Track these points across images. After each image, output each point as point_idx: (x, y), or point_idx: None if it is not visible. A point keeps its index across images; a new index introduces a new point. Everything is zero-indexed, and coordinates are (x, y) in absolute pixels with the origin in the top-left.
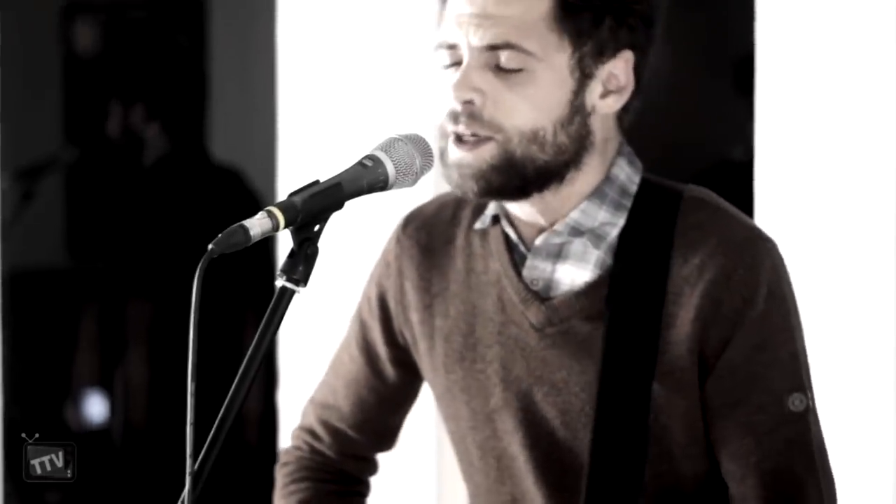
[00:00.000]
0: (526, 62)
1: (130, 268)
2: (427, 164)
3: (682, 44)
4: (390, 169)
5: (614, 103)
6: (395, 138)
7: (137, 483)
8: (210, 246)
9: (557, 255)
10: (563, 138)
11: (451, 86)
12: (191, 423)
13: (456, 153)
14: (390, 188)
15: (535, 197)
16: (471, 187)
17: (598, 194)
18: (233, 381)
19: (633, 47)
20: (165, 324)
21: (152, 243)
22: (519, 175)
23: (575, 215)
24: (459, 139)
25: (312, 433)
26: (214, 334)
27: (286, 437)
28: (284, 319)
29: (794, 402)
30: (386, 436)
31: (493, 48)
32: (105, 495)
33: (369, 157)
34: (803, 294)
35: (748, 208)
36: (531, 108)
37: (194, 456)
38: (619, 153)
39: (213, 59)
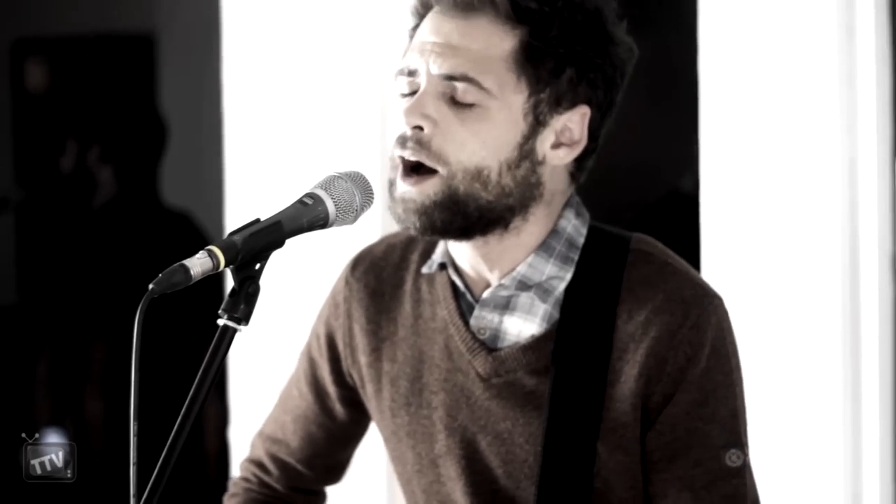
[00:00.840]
0: (480, 98)
1: (81, 308)
2: (367, 201)
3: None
4: (330, 207)
5: (565, 156)
6: (336, 176)
7: None
8: (150, 286)
9: (505, 307)
10: (507, 180)
11: (404, 110)
12: (134, 463)
13: (402, 187)
14: (331, 226)
15: (479, 241)
16: (413, 222)
17: (545, 248)
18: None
19: (590, 103)
20: (117, 363)
21: (104, 284)
22: (461, 213)
23: (522, 269)
24: (406, 169)
25: (261, 466)
26: (165, 373)
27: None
28: (229, 356)
29: (732, 458)
30: (335, 470)
31: (451, 78)
32: None
33: (309, 195)
34: (748, 327)
35: (696, 238)
36: (479, 145)
37: (138, 496)
38: (567, 205)
39: (161, 99)
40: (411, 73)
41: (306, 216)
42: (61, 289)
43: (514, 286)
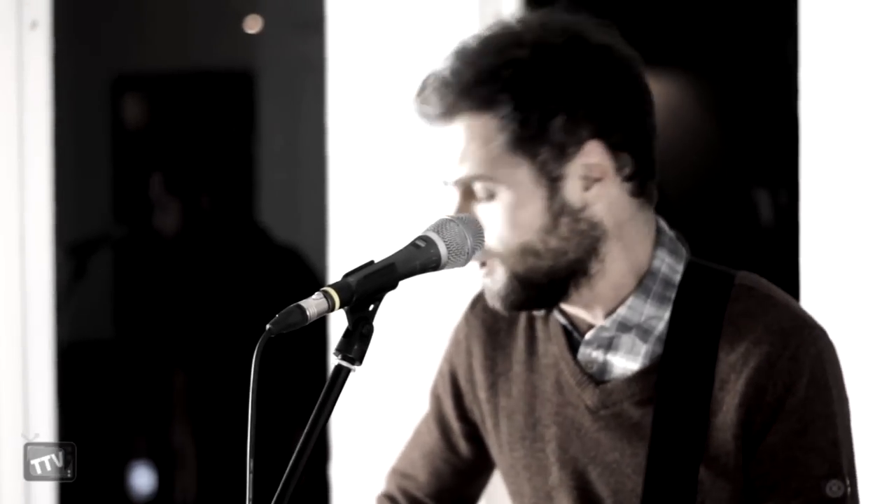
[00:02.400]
0: (492, 188)
1: (180, 342)
2: (478, 244)
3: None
4: (442, 250)
5: (603, 190)
6: (447, 219)
7: None
8: (268, 326)
9: (608, 346)
10: (555, 243)
11: None
12: (250, 500)
13: (482, 277)
14: (442, 268)
15: (572, 296)
16: (500, 306)
17: (642, 289)
18: (286, 457)
19: (600, 135)
20: (213, 397)
21: (205, 318)
22: (533, 287)
23: (622, 311)
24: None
25: (392, 500)
26: (268, 411)
27: None
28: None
29: (832, 489)
30: None
31: (462, 183)
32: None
33: (422, 237)
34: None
35: (794, 278)
36: (510, 229)
37: None
38: (658, 244)
39: (262, 135)
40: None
41: (419, 259)
42: (159, 323)
43: (615, 328)
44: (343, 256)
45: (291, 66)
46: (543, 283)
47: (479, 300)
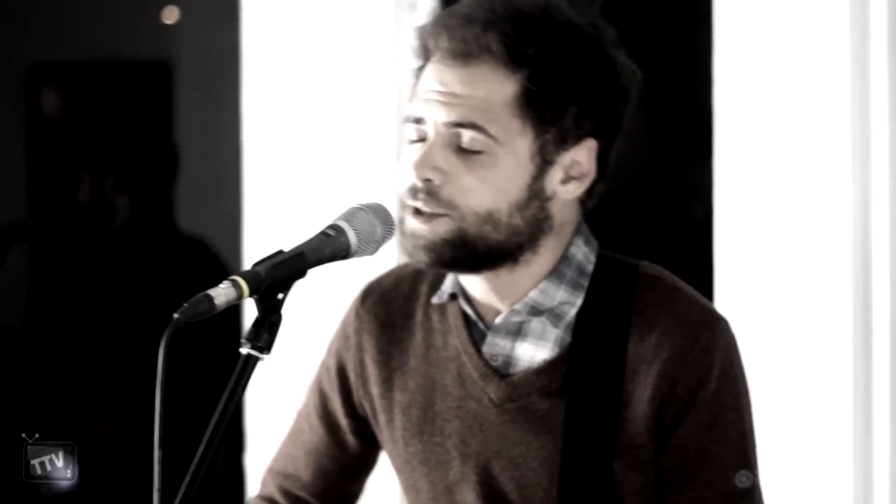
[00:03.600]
0: (487, 145)
1: (96, 334)
2: (388, 232)
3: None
4: (352, 238)
5: (575, 189)
6: (357, 208)
7: None
8: (175, 315)
9: (517, 333)
10: (517, 220)
11: (413, 163)
12: (158, 490)
13: (412, 223)
14: (352, 256)
15: (489, 274)
16: (422, 258)
17: (556, 274)
18: (198, 446)
19: (597, 136)
20: (132, 389)
21: (118, 311)
22: (470, 252)
23: (534, 295)
24: (417, 212)
25: (273, 502)
26: (180, 401)
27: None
28: (249, 385)
29: (741, 479)
30: (346, 502)
31: (458, 126)
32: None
33: (332, 226)
34: (762, 352)
35: (708, 266)
36: (488, 190)
37: None
38: (576, 232)
39: (180, 126)
40: (418, 121)
41: (329, 247)
42: (72, 313)
43: (525, 311)
44: (258, 246)
45: (208, 56)
46: (482, 252)
47: (368, 294)
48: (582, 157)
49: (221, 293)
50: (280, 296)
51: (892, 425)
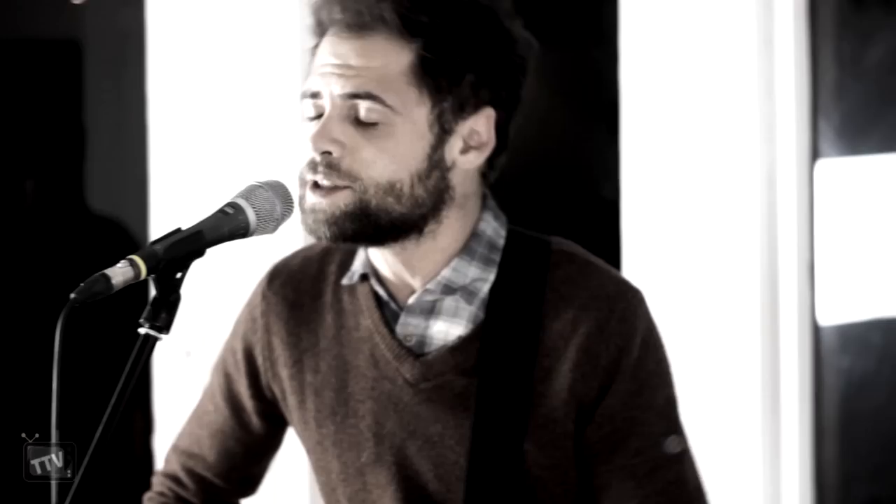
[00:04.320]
0: (385, 115)
1: (6, 317)
2: (287, 210)
3: (554, 83)
4: (251, 216)
5: (475, 159)
6: (256, 185)
7: None
8: (72, 295)
9: (430, 311)
10: (420, 191)
11: (311, 137)
12: (57, 470)
13: (312, 198)
14: (251, 235)
15: (395, 248)
16: (324, 232)
17: (467, 251)
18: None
19: (495, 105)
20: (37, 369)
21: (30, 293)
22: (372, 224)
23: (446, 273)
24: (317, 186)
25: (177, 480)
26: (87, 382)
27: None
28: (154, 365)
29: (671, 445)
30: (250, 482)
31: (354, 97)
32: None
33: (230, 204)
34: (669, 332)
35: (616, 244)
36: (389, 161)
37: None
38: (483, 207)
39: (88, 106)
40: (315, 96)
41: (227, 225)
42: None
43: (439, 290)
44: (165, 226)
45: (115, 36)
46: (384, 224)
47: (275, 276)
48: (480, 126)
49: (118, 272)
50: (179, 275)
51: (801, 403)
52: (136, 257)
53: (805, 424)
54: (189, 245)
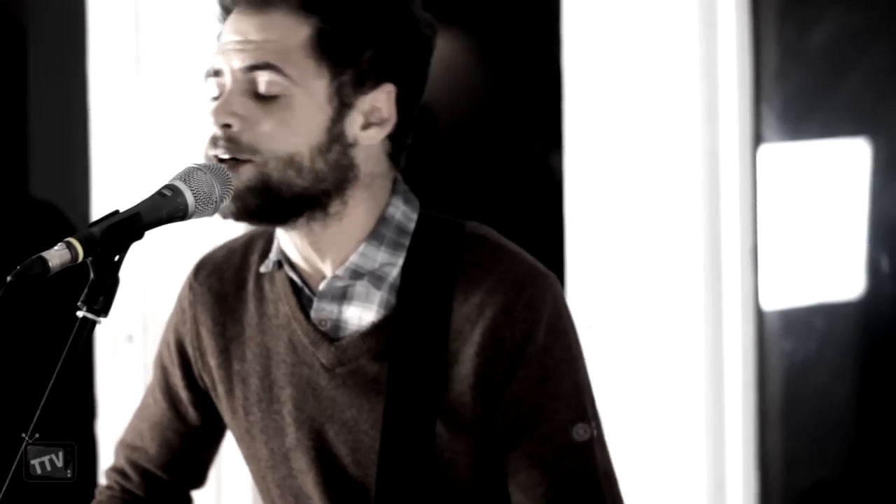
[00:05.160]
0: (284, 88)
1: None
2: (226, 193)
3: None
4: (189, 198)
5: (376, 135)
6: (194, 167)
7: None
8: (8, 278)
9: (342, 297)
10: (321, 165)
11: (211, 111)
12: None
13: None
14: (190, 217)
15: (303, 230)
16: (229, 209)
17: (375, 236)
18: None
19: (396, 81)
20: None
21: None
22: (275, 199)
23: (354, 259)
24: (219, 161)
25: (122, 473)
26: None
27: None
28: (97, 351)
29: (578, 432)
30: (195, 474)
31: (254, 69)
32: None
33: (168, 186)
34: (612, 314)
35: (559, 231)
36: (288, 134)
37: None
38: (393, 192)
39: (30, 89)
40: (217, 73)
41: (165, 208)
42: None
43: (348, 276)
44: (107, 210)
45: (57, 17)
46: (286, 200)
47: (201, 267)
48: (381, 102)
49: (55, 255)
50: (117, 258)
51: (745, 387)
52: (72, 240)
53: (749, 408)
54: (127, 228)
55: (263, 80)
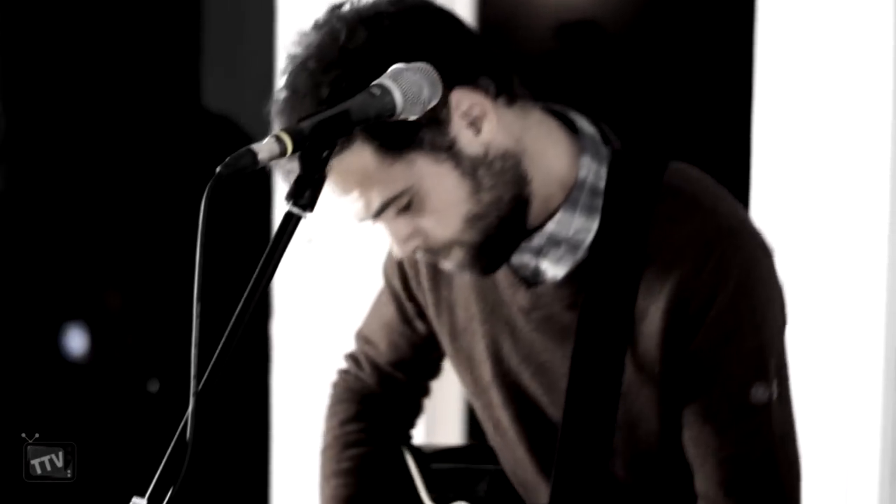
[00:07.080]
0: (407, 195)
1: (118, 205)
2: (434, 94)
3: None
4: (398, 98)
5: (490, 124)
6: (403, 68)
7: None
8: (218, 169)
9: (538, 252)
10: (488, 197)
11: (395, 253)
12: (196, 344)
13: (446, 265)
14: (398, 117)
15: None
16: (477, 274)
17: (570, 202)
18: (231, 306)
19: (455, 84)
20: (143, 258)
21: (146, 184)
22: (496, 243)
23: (551, 227)
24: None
25: (356, 361)
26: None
27: (278, 368)
28: (289, 247)
29: (757, 394)
30: (425, 371)
31: (380, 212)
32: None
33: (377, 85)
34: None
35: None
36: (446, 216)
37: (198, 377)
38: (581, 150)
39: (207, 4)
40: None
41: (374, 106)
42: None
43: (544, 241)
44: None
45: None
46: (502, 234)
47: None
48: (464, 106)
49: (265, 148)
50: (324, 154)
51: None
52: (282, 133)
53: None
54: (336, 123)
55: (391, 209)
